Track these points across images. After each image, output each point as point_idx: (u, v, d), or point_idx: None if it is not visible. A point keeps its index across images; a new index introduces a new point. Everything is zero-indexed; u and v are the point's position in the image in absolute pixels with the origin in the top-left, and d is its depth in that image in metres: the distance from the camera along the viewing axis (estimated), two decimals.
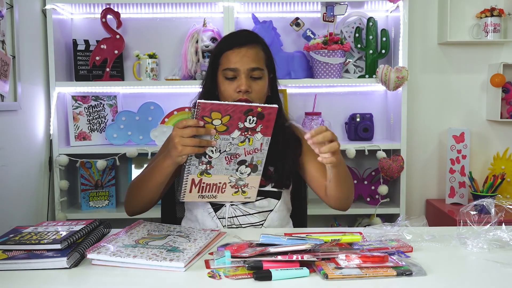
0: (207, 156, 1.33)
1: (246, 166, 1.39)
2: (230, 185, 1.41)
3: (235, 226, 1.49)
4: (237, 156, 1.36)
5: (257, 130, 1.33)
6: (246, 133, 1.33)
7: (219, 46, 1.54)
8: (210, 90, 1.55)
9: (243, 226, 1.50)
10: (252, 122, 1.31)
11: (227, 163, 1.36)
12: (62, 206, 2.42)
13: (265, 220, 1.51)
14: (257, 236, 1.17)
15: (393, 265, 1.05)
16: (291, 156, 1.55)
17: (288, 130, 1.60)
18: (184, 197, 1.38)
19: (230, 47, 1.50)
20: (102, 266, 1.09)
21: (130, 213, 1.53)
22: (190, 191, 1.38)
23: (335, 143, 1.29)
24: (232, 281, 1.01)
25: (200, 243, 1.20)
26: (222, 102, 1.28)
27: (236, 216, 1.50)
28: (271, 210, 1.52)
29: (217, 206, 1.50)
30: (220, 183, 1.39)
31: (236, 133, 1.32)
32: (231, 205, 1.50)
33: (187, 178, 1.36)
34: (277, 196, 1.54)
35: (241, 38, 1.53)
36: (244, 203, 1.50)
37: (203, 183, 1.38)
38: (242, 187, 1.42)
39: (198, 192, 1.39)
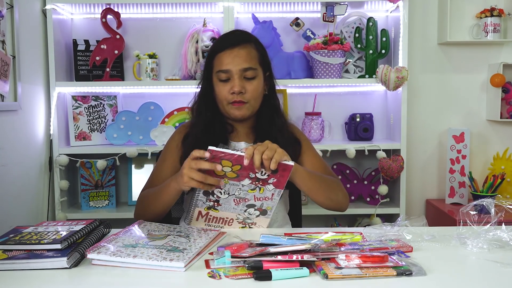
0: (215, 196, 1.33)
1: (255, 209, 1.37)
2: (237, 221, 1.40)
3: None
4: (246, 200, 1.35)
5: (269, 182, 1.30)
6: (257, 182, 1.30)
7: (212, 47, 1.54)
8: (207, 91, 1.55)
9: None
10: (264, 174, 1.29)
11: (235, 204, 1.36)
12: (62, 206, 2.42)
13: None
14: (257, 236, 1.17)
15: (393, 265, 1.05)
16: (292, 157, 1.55)
17: (288, 131, 1.59)
18: (190, 223, 1.41)
19: (222, 48, 1.49)
20: (102, 266, 1.09)
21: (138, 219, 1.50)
22: (197, 220, 1.40)
23: (276, 155, 1.25)
24: (232, 281, 1.01)
25: (200, 243, 1.19)
26: (235, 152, 1.24)
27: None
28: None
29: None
30: (227, 218, 1.39)
31: (246, 181, 1.30)
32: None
33: (194, 211, 1.38)
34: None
35: (232, 39, 1.52)
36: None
37: (210, 215, 1.39)
38: (250, 224, 1.41)
39: (205, 222, 1.40)
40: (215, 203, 1.35)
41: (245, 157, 1.24)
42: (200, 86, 1.58)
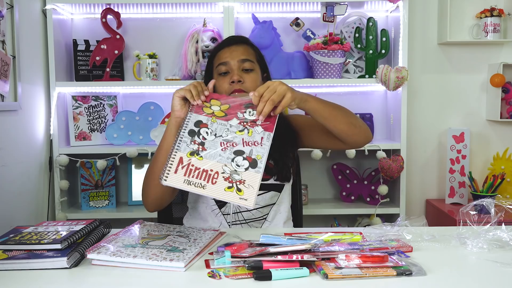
0: (201, 136, 1.24)
1: (244, 159, 1.21)
2: (223, 177, 1.18)
3: (239, 222, 1.51)
4: (234, 145, 1.23)
5: (257, 123, 1.28)
6: (245, 123, 1.27)
7: (212, 50, 1.64)
8: None
9: (247, 221, 1.51)
10: (252, 115, 1.28)
11: (222, 150, 1.22)
12: (62, 206, 2.42)
13: (268, 214, 1.53)
14: (257, 236, 1.18)
15: (393, 265, 1.05)
16: (288, 149, 1.57)
17: (284, 123, 1.61)
18: (167, 178, 1.17)
19: (221, 47, 1.59)
20: (102, 266, 1.09)
21: (149, 206, 1.47)
22: (176, 171, 1.18)
23: (284, 99, 1.28)
24: (232, 281, 1.01)
25: (200, 243, 1.20)
26: (224, 95, 1.29)
27: (240, 212, 1.51)
28: (273, 204, 1.54)
29: (221, 203, 1.51)
30: (211, 170, 1.18)
31: (234, 121, 1.27)
32: None
33: (175, 155, 1.20)
34: (279, 189, 1.56)
35: (230, 40, 1.63)
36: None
37: (192, 165, 1.19)
38: (238, 183, 1.17)
39: (185, 175, 1.17)
40: (200, 146, 1.22)
41: (254, 103, 1.27)
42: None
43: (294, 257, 1.05)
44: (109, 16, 2.46)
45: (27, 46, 2.19)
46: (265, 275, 1.01)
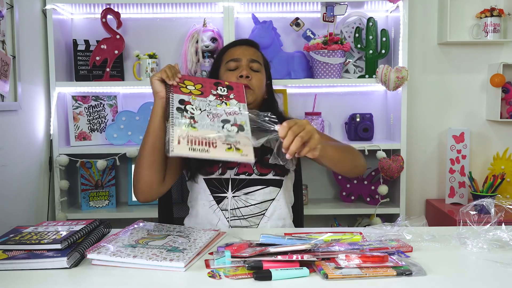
0: (188, 112, 1.32)
1: (232, 125, 1.32)
2: (221, 141, 1.27)
3: (237, 218, 1.51)
4: (219, 115, 1.34)
5: (230, 97, 1.41)
6: (221, 98, 1.39)
7: (222, 48, 1.72)
8: None
9: (245, 217, 1.51)
10: (223, 91, 1.42)
11: (211, 120, 1.32)
12: (62, 206, 2.42)
13: (266, 209, 1.54)
14: (257, 236, 1.18)
15: (393, 265, 1.05)
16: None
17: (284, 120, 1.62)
18: (173, 150, 1.22)
19: (233, 45, 1.68)
20: (102, 266, 1.09)
21: (140, 195, 1.48)
22: (179, 143, 1.24)
23: (312, 140, 1.26)
24: (232, 281, 1.01)
25: (200, 243, 1.20)
26: (194, 76, 1.40)
27: (238, 208, 1.52)
28: (273, 199, 1.55)
29: (219, 198, 1.53)
30: (209, 138, 1.27)
31: (211, 97, 1.39)
32: (233, 196, 1.52)
33: (173, 130, 1.26)
34: (278, 184, 1.56)
35: (243, 40, 1.73)
36: (246, 193, 1.52)
37: (191, 135, 1.26)
38: (234, 144, 1.27)
39: (188, 144, 1.24)
40: (191, 119, 1.30)
41: (280, 135, 1.26)
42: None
43: (294, 257, 1.05)
44: (109, 16, 2.46)
45: (27, 46, 2.19)
46: (265, 275, 1.01)
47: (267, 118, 1.32)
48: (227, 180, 1.54)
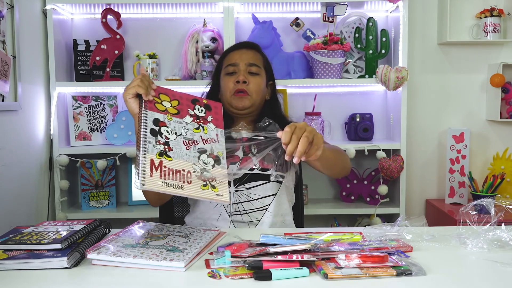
0: (163, 136, 1.22)
1: (208, 156, 1.26)
2: (196, 176, 1.20)
3: (239, 213, 1.51)
4: (196, 143, 1.26)
5: (208, 119, 1.35)
6: (198, 120, 1.33)
7: (224, 52, 1.74)
8: (214, 89, 1.72)
9: (247, 211, 1.52)
10: (201, 112, 1.36)
11: (186, 148, 1.24)
12: (62, 206, 2.42)
13: (269, 204, 1.54)
14: (257, 236, 1.18)
15: (393, 265, 1.05)
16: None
17: (285, 122, 1.62)
18: (144, 183, 1.12)
19: (232, 49, 1.71)
20: (102, 266, 1.09)
21: (152, 202, 1.50)
22: (151, 175, 1.14)
23: (316, 143, 1.24)
24: (232, 281, 1.01)
25: (200, 243, 1.20)
26: (169, 89, 1.35)
27: (240, 202, 1.53)
28: (275, 194, 1.55)
29: None
30: (183, 170, 1.19)
31: (188, 119, 1.31)
32: (235, 191, 1.53)
33: (145, 158, 1.15)
34: (279, 180, 1.57)
35: (242, 44, 1.75)
36: (248, 188, 1.53)
37: (165, 166, 1.17)
38: (210, 180, 1.21)
39: (161, 177, 1.15)
40: (166, 146, 1.21)
41: (283, 141, 1.22)
42: (209, 87, 1.75)
43: (294, 257, 1.05)
44: (109, 16, 2.46)
45: (27, 46, 2.19)
46: (265, 275, 1.01)
47: (265, 126, 1.32)
48: (229, 174, 1.53)
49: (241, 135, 1.59)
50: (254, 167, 1.55)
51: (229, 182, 1.53)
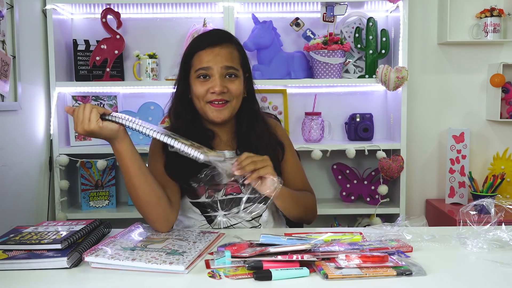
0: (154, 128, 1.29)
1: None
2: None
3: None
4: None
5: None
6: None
7: (191, 46, 1.47)
8: (184, 93, 1.48)
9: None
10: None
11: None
12: (62, 206, 2.42)
13: (260, 224, 1.50)
14: (257, 236, 1.18)
15: (393, 265, 1.05)
16: (274, 161, 1.43)
17: (269, 134, 1.53)
18: (202, 153, 1.21)
19: (202, 46, 1.43)
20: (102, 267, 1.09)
21: (163, 229, 1.34)
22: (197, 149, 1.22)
23: (266, 167, 1.28)
24: (232, 281, 1.01)
25: (200, 246, 1.19)
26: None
27: (232, 225, 1.48)
28: (264, 210, 1.50)
29: (210, 218, 1.47)
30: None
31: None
32: (224, 215, 1.47)
33: (178, 142, 1.23)
34: (266, 198, 1.43)
35: (213, 37, 1.46)
36: (237, 212, 1.46)
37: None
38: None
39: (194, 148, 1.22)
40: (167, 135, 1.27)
41: (236, 169, 1.26)
42: (176, 87, 1.51)
43: (294, 257, 1.05)
44: (109, 16, 2.46)
45: (27, 46, 2.19)
46: (265, 275, 1.01)
47: (210, 177, 1.30)
48: (215, 201, 1.45)
49: (224, 156, 1.38)
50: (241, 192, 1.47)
51: (216, 208, 1.46)
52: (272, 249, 1.07)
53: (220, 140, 1.52)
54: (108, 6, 2.46)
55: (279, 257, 1.06)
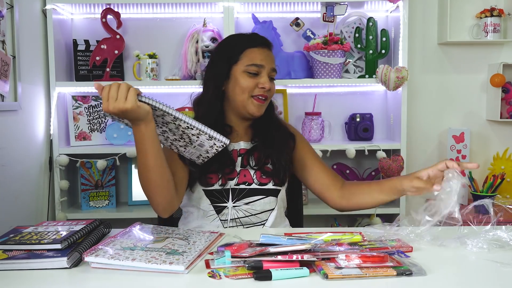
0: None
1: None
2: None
3: (236, 228, 1.49)
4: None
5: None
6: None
7: (241, 42, 1.54)
8: (222, 83, 1.52)
9: (244, 227, 1.50)
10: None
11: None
12: (62, 206, 2.42)
13: (266, 220, 1.52)
14: (257, 236, 1.18)
15: (393, 265, 1.05)
16: (286, 151, 1.57)
17: (282, 126, 1.62)
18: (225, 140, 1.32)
19: (255, 44, 1.53)
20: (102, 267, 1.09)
21: (164, 214, 1.40)
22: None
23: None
24: (232, 281, 1.01)
25: (200, 246, 1.19)
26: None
27: (238, 218, 1.50)
28: (272, 209, 1.53)
29: (219, 208, 1.49)
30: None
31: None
32: (234, 206, 1.49)
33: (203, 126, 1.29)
34: (276, 194, 1.54)
35: (262, 39, 1.57)
36: (247, 203, 1.50)
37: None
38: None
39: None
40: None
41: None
42: (209, 78, 1.55)
43: (294, 257, 1.05)
44: (109, 16, 2.46)
45: (27, 46, 2.19)
46: (265, 275, 1.01)
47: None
48: (227, 190, 1.49)
49: (239, 146, 1.55)
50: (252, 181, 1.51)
51: (227, 197, 1.49)
52: (272, 249, 1.07)
53: (237, 134, 1.57)
54: (108, 6, 2.46)
55: (279, 257, 1.05)
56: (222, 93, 1.54)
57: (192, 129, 1.29)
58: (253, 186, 1.51)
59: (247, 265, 1.04)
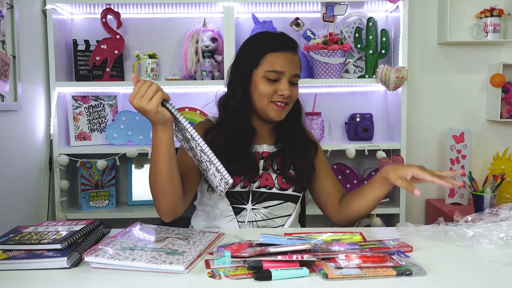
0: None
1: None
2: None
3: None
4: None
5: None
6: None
7: (263, 45, 1.49)
8: (247, 88, 1.49)
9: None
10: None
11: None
12: (62, 206, 2.42)
13: (283, 225, 1.51)
14: (257, 236, 1.18)
15: (393, 265, 1.05)
16: (309, 158, 1.57)
17: (305, 133, 1.62)
18: (228, 178, 1.27)
19: (277, 48, 1.47)
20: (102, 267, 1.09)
21: (166, 218, 1.40)
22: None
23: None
24: (232, 281, 1.01)
25: (200, 246, 1.19)
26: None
27: (256, 221, 1.48)
28: (289, 215, 1.52)
29: (238, 209, 1.48)
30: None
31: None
32: (252, 209, 1.48)
33: (215, 159, 1.27)
34: (295, 200, 1.54)
35: (287, 42, 1.50)
36: (266, 207, 1.48)
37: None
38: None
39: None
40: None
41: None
42: (236, 81, 1.51)
43: (294, 257, 1.05)
44: (109, 16, 2.46)
45: (27, 46, 2.19)
46: (265, 275, 1.01)
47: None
48: (247, 192, 1.48)
49: (262, 149, 1.53)
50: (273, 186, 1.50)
51: (247, 199, 1.48)
52: (272, 249, 1.07)
53: (260, 136, 1.55)
54: (108, 6, 2.46)
55: (279, 257, 1.05)
56: (249, 95, 1.51)
57: (205, 154, 1.27)
58: (274, 190, 1.50)
59: (247, 265, 1.04)
